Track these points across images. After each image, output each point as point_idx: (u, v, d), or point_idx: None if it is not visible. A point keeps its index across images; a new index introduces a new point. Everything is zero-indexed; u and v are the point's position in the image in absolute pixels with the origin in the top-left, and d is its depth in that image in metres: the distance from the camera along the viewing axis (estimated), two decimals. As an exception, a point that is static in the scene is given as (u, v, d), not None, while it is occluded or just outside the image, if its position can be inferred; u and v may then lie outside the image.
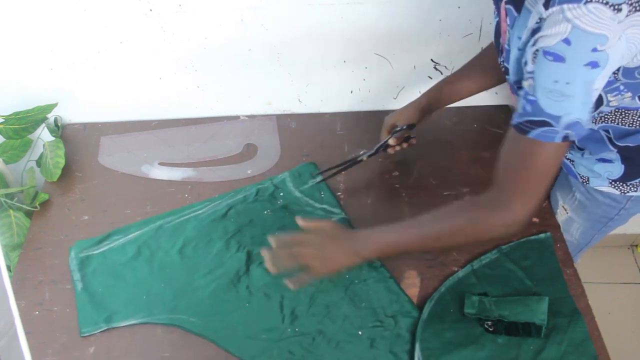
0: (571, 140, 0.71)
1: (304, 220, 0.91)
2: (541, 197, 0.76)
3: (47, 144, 1.20)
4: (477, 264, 0.99)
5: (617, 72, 0.72)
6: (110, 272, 1.01)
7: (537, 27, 0.67)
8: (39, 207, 1.13)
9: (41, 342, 0.93)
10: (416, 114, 1.08)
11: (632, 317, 1.73)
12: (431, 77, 1.27)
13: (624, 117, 0.82)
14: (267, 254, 0.89)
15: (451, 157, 1.20)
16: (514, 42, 0.76)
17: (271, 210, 1.10)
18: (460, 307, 0.92)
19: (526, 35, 0.71)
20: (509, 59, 0.80)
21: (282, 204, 1.11)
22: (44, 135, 1.25)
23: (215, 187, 1.16)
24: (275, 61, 1.21)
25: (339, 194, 1.14)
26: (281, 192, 1.14)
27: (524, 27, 0.72)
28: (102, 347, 0.92)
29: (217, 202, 1.12)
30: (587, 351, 0.88)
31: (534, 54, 0.67)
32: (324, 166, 1.16)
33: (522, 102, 0.71)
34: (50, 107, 1.18)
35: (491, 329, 0.90)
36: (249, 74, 1.24)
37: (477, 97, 1.11)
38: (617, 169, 0.91)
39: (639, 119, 0.81)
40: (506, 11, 0.78)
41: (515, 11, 0.75)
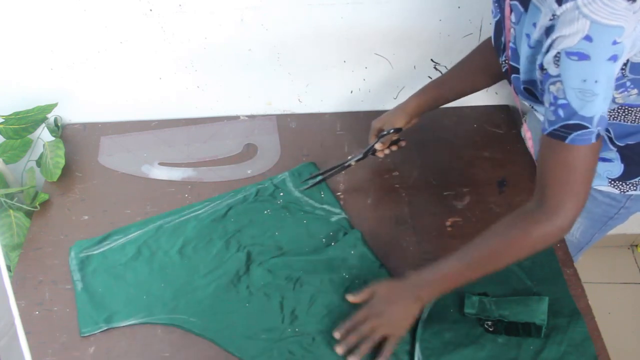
0: (601, 135, 0.70)
1: (353, 295, 0.92)
2: (587, 196, 0.75)
3: (47, 144, 1.20)
4: None
5: (624, 68, 0.71)
6: (110, 272, 1.01)
7: (551, 25, 0.66)
8: (39, 207, 1.12)
9: (41, 342, 0.93)
10: (403, 118, 1.07)
11: (632, 317, 1.73)
12: (431, 77, 1.27)
13: (627, 115, 0.82)
14: (341, 348, 0.87)
15: (451, 157, 1.20)
16: (522, 40, 0.75)
17: (271, 210, 1.10)
18: (460, 307, 0.92)
19: (538, 33, 0.69)
20: (516, 57, 0.79)
21: (282, 204, 1.11)
22: (44, 135, 1.25)
23: (215, 187, 1.16)
24: (275, 61, 1.21)
25: (339, 194, 1.14)
26: (281, 192, 1.14)
27: (532, 24, 0.71)
28: (102, 347, 0.92)
29: (217, 202, 1.12)
30: (587, 351, 0.88)
31: (555, 56, 0.66)
32: (324, 166, 1.16)
33: (552, 108, 0.70)
34: (50, 107, 1.18)
35: (491, 329, 0.90)
36: (249, 74, 1.24)
37: (477, 97, 1.11)
38: (617, 168, 0.91)
39: None
40: (511, 7, 0.77)
41: (521, 7, 0.74)
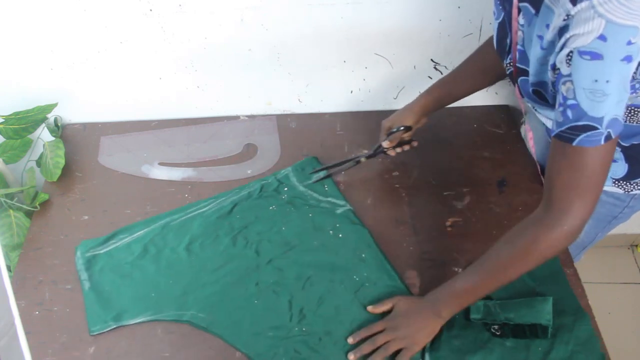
0: (613, 137, 0.69)
1: (373, 306, 0.92)
2: (597, 199, 0.74)
3: (47, 144, 1.20)
4: None
5: (635, 70, 0.70)
6: (117, 270, 1.01)
7: (565, 25, 0.65)
8: (39, 207, 1.12)
9: (41, 342, 0.93)
10: (411, 117, 1.08)
11: (632, 317, 1.73)
12: (431, 77, 1.27)
13: (633, 115, 0.81)
14: (354, 356, 0.87)
15: (451, 157, 1.20)
16: (533, 42, 0.74)
17: (276, 205, 1.10)
18: (465, 312, 0.91)
19: (551, 34, 0.69)
20: (525, 59, 0.79)
21: (287, 199, 1.12)
22: (44, 135, 1.25)
23: (215, 187, 1.16)
24: (275, 61, 1.21)
25: (339, 194, 1.14)
26: (285, 187, 1.14)
27: (544, 25, 0.70)
28: (102, 347, 0.92)
29: (222, 199, 1.12)
30: (594, 348, 0.88)
31: (567, 55, 0.65)
32: (327, 163, 1.17)
33: (561, 109, 0.69)
34: (50, 107, 1.18)
35: (498, 333, 0.89)
36: (249, 74, 1.24)
37: (477, 97, 1.11)
38: (621, 168, 0.91)
39: None
40: (519, 9, 0.76)
41: (532, 8, 0.73)
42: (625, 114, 0.81)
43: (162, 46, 1.16)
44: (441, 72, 1.26)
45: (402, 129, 1.07)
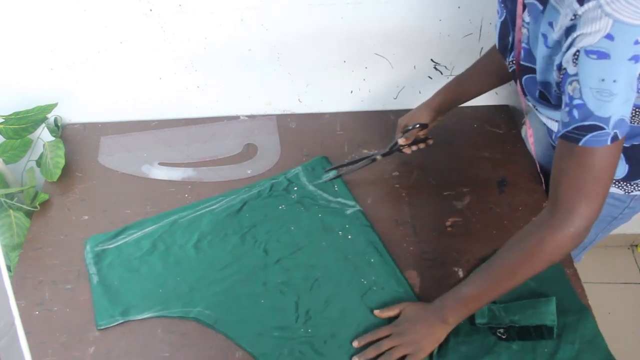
0: (620, 138, 0.68)
1: (380, 310, 0.92)
2: (604, 200, 0.73)
3: (47, 144, 1.20)
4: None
5: None
6: (125, 265, 1.02)
7: (572, 25, 0.65)
8: (39, 207, 1.12)
9: (41, 342, 0.93)
10: (427, 114, 1.08)
11: (632, 317, 1.73)
12: (431, 77, 1.27)
13: (634, 116, 0.81)
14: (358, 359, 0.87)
15: (451, 157, 1.20)
16: (539, 39, 0.74)
17: (286, 205, 1.10)
18: (470, 318, 0.91)
19: (558, 33, 0.68)
20: (529, 57, 0.78)
21: (297, 198, 1.11)
22: (44, 135, 1.25)
23: (215, 187, 1.16)
24: (275, 61, 1.21)
25: (339, 194, 1.14)
26: (295, 187, 1.14)
27: (547, 23, 0.70)
28: (102, 347, 0.92)
29: (232, 197, 1.12)
30: (600, 346, 0.88)
31: (574, 55, 0.65)
32: (334, 162, 1.17)
33: (567, 109, 0.68)
34: (50, 107, 1.18)
35: (504, 337, 0.89)
36: (249, 74, 1.24)
37: (477, 97, 1.11)
38: (621, 168, 0.91)
39: None
40: (525, 6, 0.75)
41: (540, 5, 0.72)
42: None
43: (162, 46, 1.16)
44: (441, 72, 1.26)
45: (417, 126, 1.08)
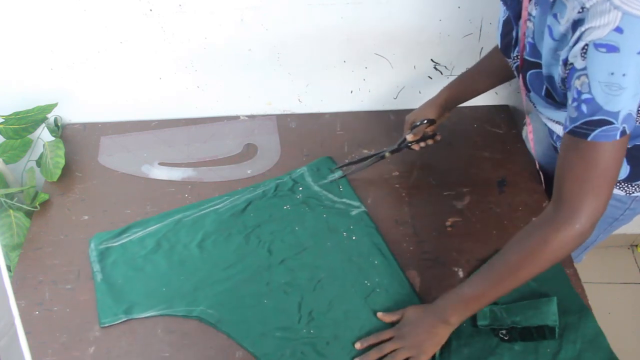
0: (627, 133, 0.67)
1: (384, 314, 0.91)
2: (609, 198, 0.72)
3: (47, 144, 1.20)
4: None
5: None
6: (129, 264, 1.02)
7: (580, 18, 0.64)
8: (39, 207, 1.12)
9: (41, 342, 0.93)
10: (434, 110, 1.08)
11: (632, 317, 1.73)
12: (431, 77, 1.27)
13: (637, 114, 0.81)
14: None
15: (451, 157, 1.20)
16: (545, 33, 0.73)
17: (290, 205, 1.10)
18: (472, 320, 0.91)
19: (565, 26, 0.68)
20: (534, 52, 0.77)
21: (302, 199, 1.11)
22: (44, 135, 1.25)
23: (215, 187, 1.16)
24: (275, 61, 1.21)
25: (339, 194, 1.14)
26: (300, 187, 1.14)
27: (552, 16, 0.69)
28: (102, 347, 0.92)
29: (236, 196, 1.12)
30: (602, 345, 0.88)
31: (582, 49, 0.64)
32: (340, 161, 1.18)
33: (575, 104, 0.67)
34: (50, 107, 1.18)
35: (506, 338, 0.89)
36: (249, 74, 1.24)
37: (477, 97, 1.11)
38: (623, 169, 0.90)
39: None
40: None
41: None
42: None
43: (162, 46, 1.16)
44: (441, 72, 1.26)
45: (425, 122, 1.08)
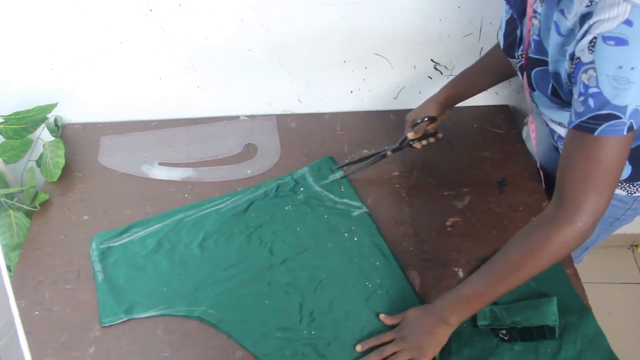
0: (634, 129, 0.66)
1: (386, 317, 0.91)
2: (612, 196, 0.71)
3: (47, 144, 1.20)
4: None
5: None
6: (130, 263, 1.02)
7: (588, 12, 0.64)
8: (39, 207, 1.12)
9: (41, 342, 0.93)
10: (435, 107, 1.08)
11: (632, 317, 1.73)
12: (431, 77, 1.27)
13: None
14: None
15: (451, 157, 1.20)
16: (551, 29, 0.73)
17: (292, 205, 1.10)
18: (472, 320, 0.91)
19: (572, 20, 0.68)
20: (540, 49, 0.77)
21: (303, 199, 1.11)
22: (44, 135, 1.25)
23: (215, 187, 1.16)
24: (275, 61, 1.21)
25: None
26: (301, 187, 1.14)
27: (559, 11, 0.69)
28: (102, 347, 0.92)
29: (238, 197, 1.12)
30: (602, 345, 0.88)
31: (590, 42, 0.63)
32: (340, 161, 1.18)
33: (582, 99, 0.66)
34: (50, 107, 1.18)
35: (506, 338, 0.89)
36: (249, 74, 1.24)
37: (477, 97, 1.11)
38: (625, 169, 0.90)
39: None
40: None
41: None
42: None
43: (162, 46, 1.16)
44: (441, 72, 1.26)
45: (426, 119, 1.08)
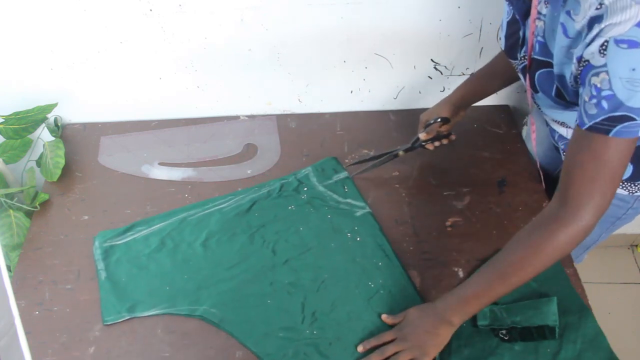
0: None
1: (387, 317, 0.91)
2: (614, 194, 0.72)
3: (47, 144, 1.20)
4: None
5: None
6: (133, 262, 1.02)
7: (598, 15, 0.64)
8: (39, 207, 1.12)
9: (41, 342, 0.93)
10: (448, 108, 1.08)
11: (632, 317, 1.73)
12: (431, 77, 1.27)
13: None
14: None
15: (451, 157, 1.20)
16: (557, 31, 0.73)
17: (295, 205, 1.10)
18: (472, 320, 0.91)
19: (581, 23, 0.67)
20: (546, 51, 0.77)
21: (306, 199, 1.11)
22: (44, 135, 1.25)
23: (215, 187, 1.16)
24: (275, 61, 1.21)
25: (339, 194, 1.14)
26: (305, 187, 1.14)
27: (565, 12, 0.69)
28: (102, 347, 0.92)
29: (241, 196, 1.12)
30: (602, 345, 0.88)
31: (602, 45, 0.64)
32: (343, 162, 1.18)
33: (594, 101, 0.66)
34: (50, 107, 1.18)
35: (506, 338, 0.89)
36: (249, 74, 1.24)
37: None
38: (627, 169, 0.90)
39: None
40: None
41: None
42: None
43: (162, 46, 1.16)
44: (441, 72, 1.26)
45: (439, 120, 1.08)
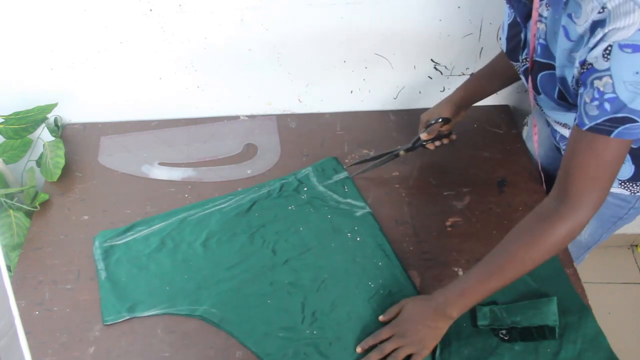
0: None
1: (383, 316, 0.91)
2: (608, 192, 0.74)
3: (47, 144, 1.20)
4: None
5: None
6: (133, 262, 1.02)
7: (601, 19, 0.64)
8: (39, 207, 1.12)
9: (41, 342, 0.93)
10: (449, 108, 1.08)
11: (632, 317, 1.73)
12: (431, 77, 1.27)
13: None
14: None
15: (451, 157, 1.20)
16: (558, 32, 0.73)
17: (295, 205, 1.10)
18: (472, 320, 0.91)
19: (583, 27, 0.68)
20: (548, 53, 0.77)
21: (306, 199, 1.11)
22: (44, 135, 1.25)
23: (215, 187, 1.16)
24: (275, 61, 1.21)
25: (339, 194, 1.14)
26: (305, 187, 1.14)
27: (568, 15, 0.69)
28: (102, 347, 0.92)
29: (241, 196, 1.12)
30: (602, 345, 0.88)
31: (605, 50, 0.65)
32: (343, 162, 1.18)
33: (597, 103, 0.68)
34: (50, 107, 1.18)
35: (506, 338, 0.89)
36: (249, 74, 1.24)
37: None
38: (628, 169, 0.90)
39: None
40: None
41: None
42: None
43: (162, 46, 1.16)
44: (441, 72, 1.26)
45: (440, 120, 1.08)
